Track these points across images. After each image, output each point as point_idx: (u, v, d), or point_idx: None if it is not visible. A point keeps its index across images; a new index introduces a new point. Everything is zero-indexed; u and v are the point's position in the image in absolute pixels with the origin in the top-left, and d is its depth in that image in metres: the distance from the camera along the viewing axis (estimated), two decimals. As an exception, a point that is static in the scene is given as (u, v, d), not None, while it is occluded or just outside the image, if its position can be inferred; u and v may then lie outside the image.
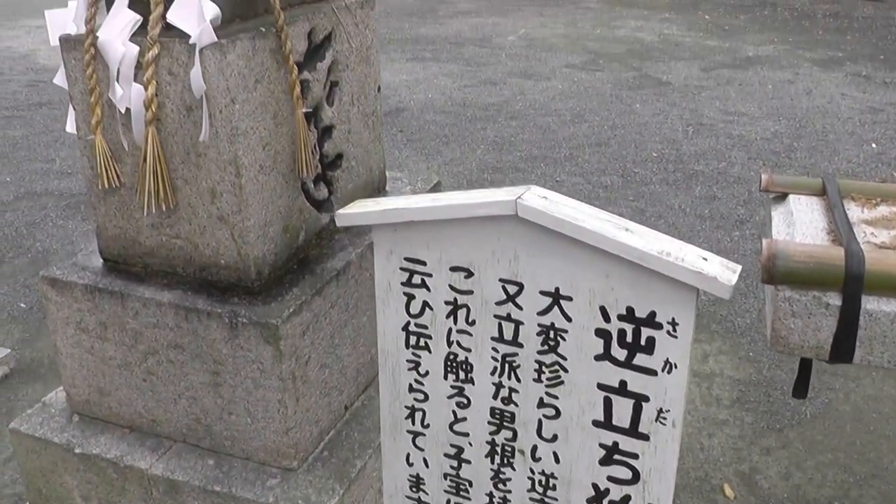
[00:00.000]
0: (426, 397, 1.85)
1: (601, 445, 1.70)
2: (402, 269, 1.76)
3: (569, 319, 1.63)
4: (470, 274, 1.69)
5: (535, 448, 1.77)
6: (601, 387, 1.65)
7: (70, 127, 2.39)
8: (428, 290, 1.75)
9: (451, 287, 1.72)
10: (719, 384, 3.67)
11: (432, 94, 8.10)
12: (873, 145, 6.48)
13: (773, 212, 2.13)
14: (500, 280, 1.66)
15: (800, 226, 1.94)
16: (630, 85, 8.37)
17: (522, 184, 1.73)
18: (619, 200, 5.51)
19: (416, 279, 1.75)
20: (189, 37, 2.05)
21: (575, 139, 6.69)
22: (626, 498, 1.72)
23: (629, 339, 1.59)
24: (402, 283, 1.77)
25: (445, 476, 1.91)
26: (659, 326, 1.55)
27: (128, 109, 2.19)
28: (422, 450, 1.91)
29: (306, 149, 2.33)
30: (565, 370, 1.67)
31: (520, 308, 1.66)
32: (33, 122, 7.63)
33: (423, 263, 1.73)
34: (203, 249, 2.32)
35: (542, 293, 1.63)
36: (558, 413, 1.71)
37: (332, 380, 2.48)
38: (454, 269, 1.70)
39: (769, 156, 6.25)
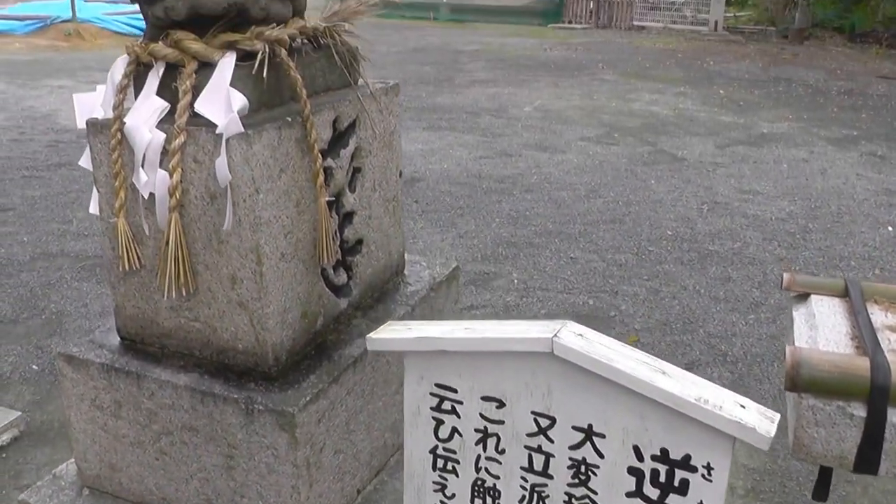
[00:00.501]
0: (452, 519, 1.83)
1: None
2: (432, 394, 1.74)
3: (601, 456, 1.61)
4: (501, 404, 1.68)
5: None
6: (632, 523, 1.63)
7: (93, 208, 2.41)
8: (458, 416, 1.74)
9: (482, 416, 1.70)
10: (733, 472, 3.62)
11: (448, 164, 8.14)
12: (889, 228, 6.47)
13: (795, 312, 2.12)
14: (533, 413, 1.65)
15: (823, 330, 1.93)
16: (645, 160, 8.40)
17: (537, 260, 1.73)
18: (634, 279, 5.50)
19: (447, 405, 1.74)
20: (216, 126, 2.07)
21: (590, 215, 6.70)
22: None
23: (662, 479, 1.58)
24: (432, 408, 1.76)
25: None
26: (693, 469, 1.54)
27: (151, 194, 2.20)
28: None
29: (328, 236, 2.34)
30: (595, 504, 1.65)
31: (551, 441, 1.65)
32: (52, 183, 7.69)
33: (455, 391, 1.72)
34: (221, 333, 2.31)
35: (575, 428, 1.62)
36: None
37: (346, 465, 2.45)
38: (486, 398, 1.69)
39: (784, 237, 6.25)
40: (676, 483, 1.56)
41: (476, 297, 5.19)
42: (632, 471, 1.59)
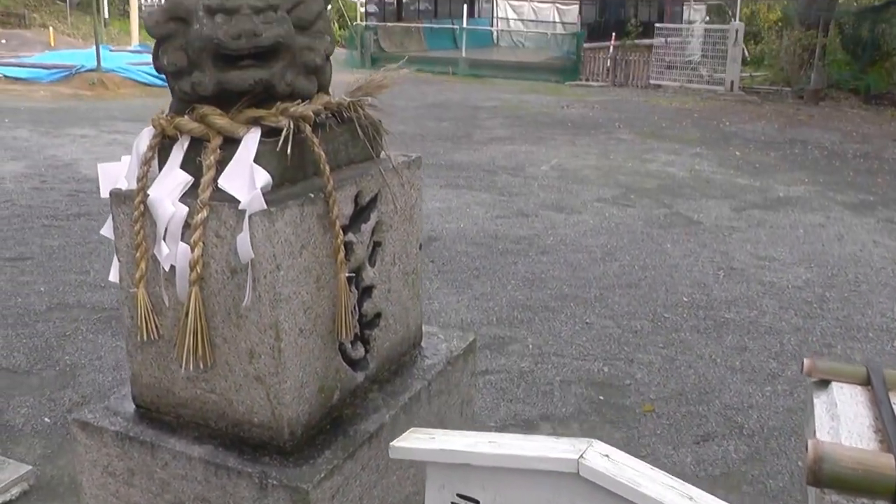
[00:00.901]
0: None
1: None
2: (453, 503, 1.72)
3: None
4: (526, 519, 1.65)
5: None
6: None
7: (113, 276, 2.41)
8: (479, 527, 1.71)
9: (505, 528, 1.68)
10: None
11: (465, 223, 8.16)
12: (907, 298, 6.43)
13: (816, 399, 2.10)
14: (557, 530, 1.63)
15: (845, 421, 1.91)
16: (661, 223, 8.40)
17: (552, 324, 1.71)
18: (649, 347, 5.47)
19: (468, 514, 1.72)
20: (239, 201, 2.07)
21: (605, 278, 6.68)
22: None
23: None
24: (453, 517, 1.73)
25: None
26: None
27: (172, 266, 2.20)
28: None
29: (347, 312, 2.32)
30: None
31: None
32: (71, 233, 7.73)
33: (477, 502, 1.69)
34: (237, 406, 2.29)
35: (599, 548, 1.60)
36: None
37: (358, 541, 2.42)
38: (509, 512, 1.67)
39: (801, 306, 6.21)
40: None
41: (491, 362, 5.16)
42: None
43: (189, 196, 2.16)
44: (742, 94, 20.33)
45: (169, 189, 2.17)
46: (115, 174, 2.34)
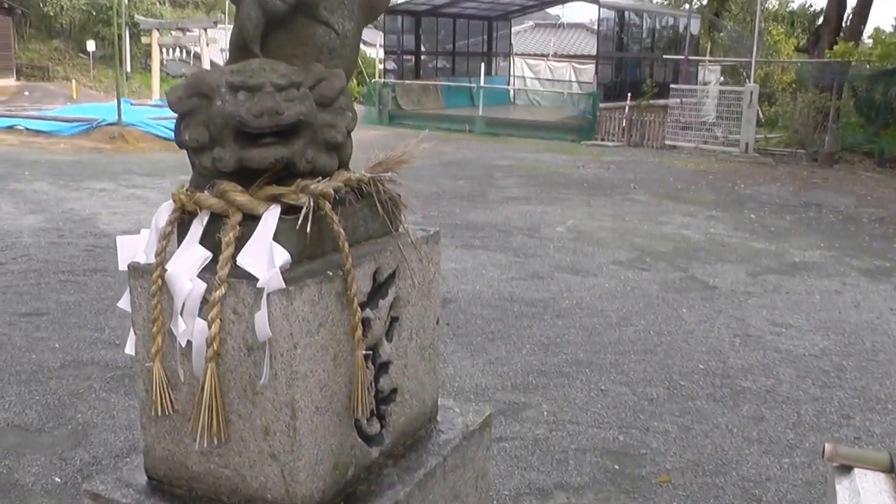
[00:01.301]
0: None
1: None
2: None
3: None
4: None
5: None
6: None
7: (129, 349, 2.39)
8: None
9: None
10: None
11: (480, 285, 8.14)
12: (926, 369, 6.35)
13: (838, 486, 2.06)
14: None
15: (869, 511, 1.87)
16: (677, 287, 8.36)
17: (567, 390, 1.67)
18: (665, 415, 5.40)
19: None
20: (257, 279, 2.06)
21: (621, 344, 6.64)
22: None
23: None
24: None
25: None
26: None
27: (188, 342, 2.18)
28: None
29: (363, 389, 2.30)
30: None
31: None
32: (87, 288, 7.75)
33: None
34: (251, 482, 2.26)
35: None
36: None
37: None
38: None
39: (818, 375, 6.14)
40: None
41: (505, 429, 5.11)
42: None
43: (207, 272, 2.15)
44: (757, 156, 20.38)
45: (187, 265, 2.16)
46: (134, 247, 2.33)
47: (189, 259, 2.17)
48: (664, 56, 29.79)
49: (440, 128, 24.45)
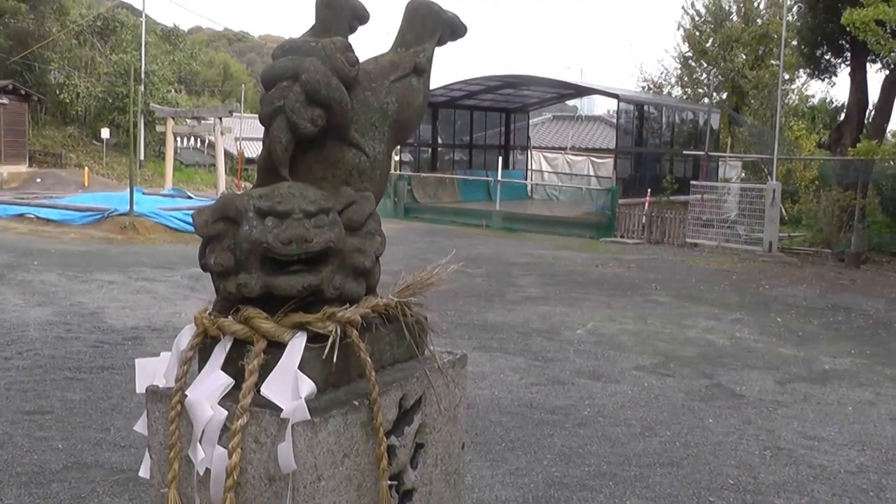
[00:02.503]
0: None
1: None
2: None
3: None
4: None
5: None
6: None
7: (144, 473, 2.37)
8: None
9: None
10: None
11: (499, 390, 8.07)
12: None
13: None
14: None
15: None
16: (702, 395, 8.27)
17: None
18: (694, 535, 5.29)
19: None
20: (281, 409, 2.04)
21: (645, 456, 6.53)
22: None
23: None
24: None
25: None
26: None
27: (207, 469, 2.16)
28: None
29: (387, 521, 2.26)
30: None
31: None
32: (93, 386, 7.71)
33: None
34: None
35: None
36: None
37: None
38: None
39: (856, 493, 6.00)
40: None
41: (526, 548, 5.01)
42: None
43: (229, 399, 2.14)
44: (781, 256, 20.36)
45: (209, 391, 2.15)
46: (153, 370, 2.32)
47: (211, 385, 2.16)
48: (684, 151, 30.07)
49: (456, 222, 24.60)
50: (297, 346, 2.10)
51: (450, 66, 30.94)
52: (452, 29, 2.64)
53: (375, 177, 2.39)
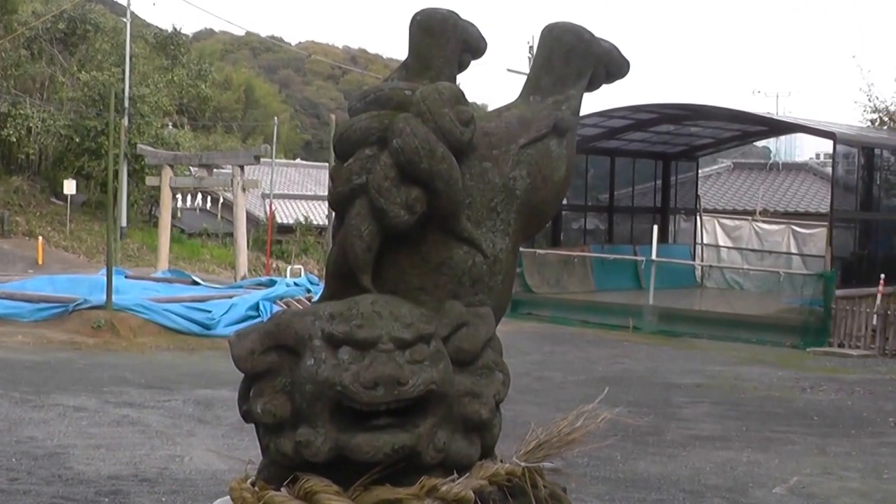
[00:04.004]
0: None
1: None
2: None
3: None
4: None
5: None
6: None
7: None
8: None
9: None
10: None
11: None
12: None
13: None
14: None
15: None
16: None
17: None
18: None
19: None
20: None
21: None
22: None
23: None
24: None
25: None
26: None
27: None
28: None
29: None
30: None
31: None
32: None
33: None
34: None
35: None
36: None
37: None
38: None
39: None
40: None
41: None
42: None
43: None
44: None
45: None
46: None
47: None
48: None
49: (589, 322, 24.53)
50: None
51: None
52: (609, 67, 2.60)
53: (496, 285, 2.32)
